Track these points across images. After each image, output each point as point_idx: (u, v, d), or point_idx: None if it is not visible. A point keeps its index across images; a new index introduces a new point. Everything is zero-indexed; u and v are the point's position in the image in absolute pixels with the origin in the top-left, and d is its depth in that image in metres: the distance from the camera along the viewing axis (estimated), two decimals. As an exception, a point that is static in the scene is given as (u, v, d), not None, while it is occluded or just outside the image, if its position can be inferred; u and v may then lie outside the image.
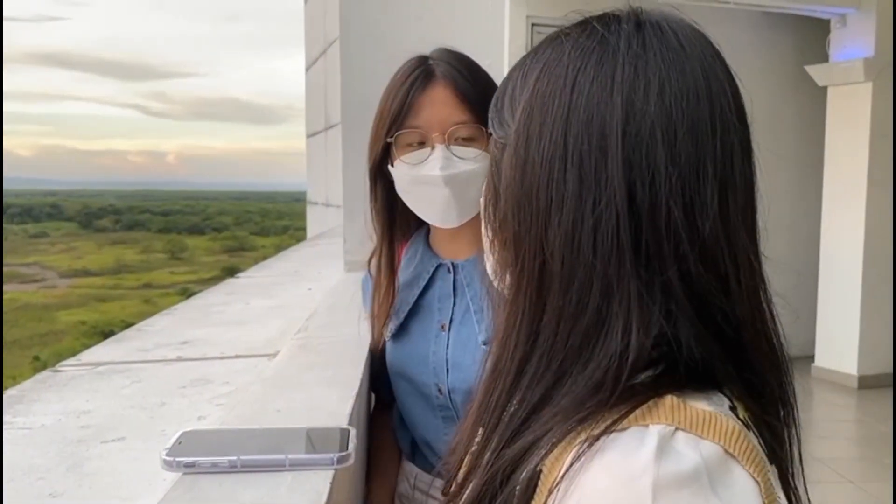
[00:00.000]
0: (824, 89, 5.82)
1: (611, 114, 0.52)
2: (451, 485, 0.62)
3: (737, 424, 0.49)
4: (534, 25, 5.07)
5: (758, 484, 0.47)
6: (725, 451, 0.47)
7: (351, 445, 0.75)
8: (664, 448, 0.46)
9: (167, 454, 0.72)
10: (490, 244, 0.63)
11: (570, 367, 0.53)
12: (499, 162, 0.60)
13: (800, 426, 0.58)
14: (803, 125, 6.24)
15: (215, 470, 0.70)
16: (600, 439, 0.47)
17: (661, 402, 0.49)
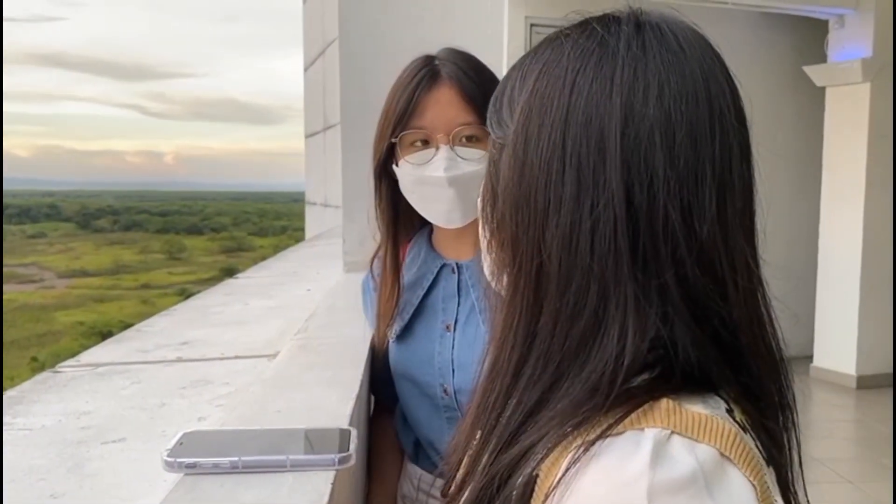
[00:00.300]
0: (822, 90, 5.82)
1: (609, 116, 0.52)
2: (449, 486, 0.62)
3: (733, 427, 0.49)
4: (532, 26, 5.08)
5: (754, 487, 0.47)
6: (721, 453, 0.47)
7: (352, 446, 0.75)
8: (659, 453, 0.46)
9: (168, 455, 0.72)
10: (487, 245, 0.63)
11: (567, 370, 0.53)
12: (497, 162, 0.60)
13: (799, 430, 0.58)
14: (801, 126, 6.24)
15: (216, 471, 0.70)
16: (596, 444, 0.47)
17: (657, 405, 0.49)
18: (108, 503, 0.76)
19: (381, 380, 1.27)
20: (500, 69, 1.22)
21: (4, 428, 0.98)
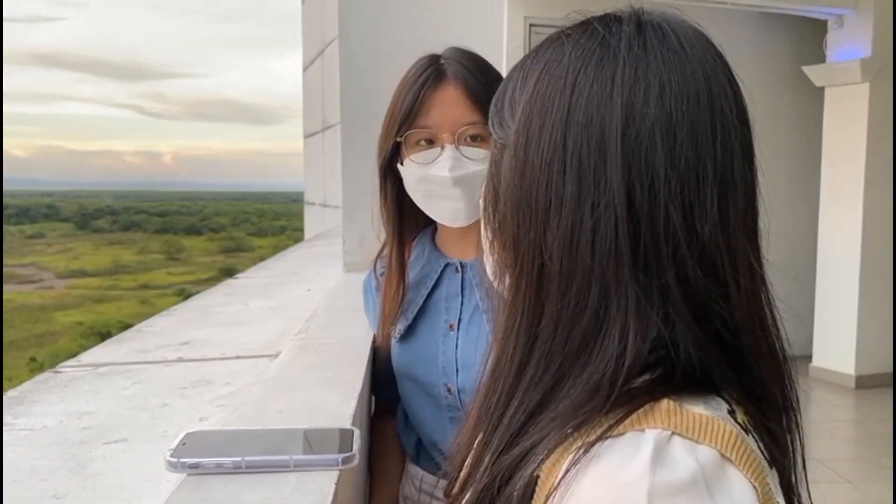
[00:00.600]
0: (821, 90, 5.83)
1: (610, 116, 0.51)
2: (452, 486, 0.62)
3: (734, 428, 0.49)
4: (532, 26, 5.08)
5: (755, 489, 0.47)
6: (722, 455, 0.47)
7: (355, 446, 0.75)
8: (660, 454, 0.46)
9: (171, 455, 0.72)
10: (490, 245, 0.63)
11: (569, 371, 0.53)
12: (498, 163, 0.60)
13: (803, 432, 0.58)
14: (800, 126, 6.25)
15: (220, 471, 0.70)
16: (596, 445, 0.47)
17: (658, 406, 0.49)
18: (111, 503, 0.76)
19: (382, 380, 1.27)
20: (500, 69, 1.22)
21: (6, 428, 0.98)
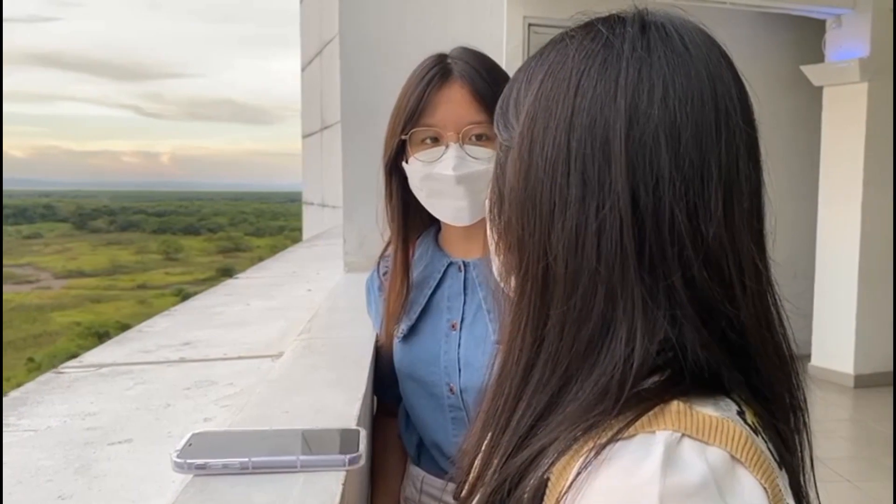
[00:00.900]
0: (820, 89, 5.83)
1: (614, 118, 0.51)
2: (461, 489, 0.62)
3: (744, 430, 0.49)
4: (531, 26, 5.08)
5: (765, 490, 0.47)
6: (732, 456, 0.47)
7: (362, 446, 0.75)
8: (670, 457, 0.45)
9: (178, 456, 0.72)
10: (495, 247, 0.63)
11: (576, 373, 0.52)
12: (503, 165, 0.60)
13: (811, 431, 0.58)
14: (799, 125, 6.25)
15: (227, 472, 0.70)
16: (607, 447, 0.47)
17: (668, 408, 0.49)
18: (118, 504, 0.76)
19: (383, 380, 1.27)
20: (499, 70, 1.22)
21: (10, 429, 0.98)
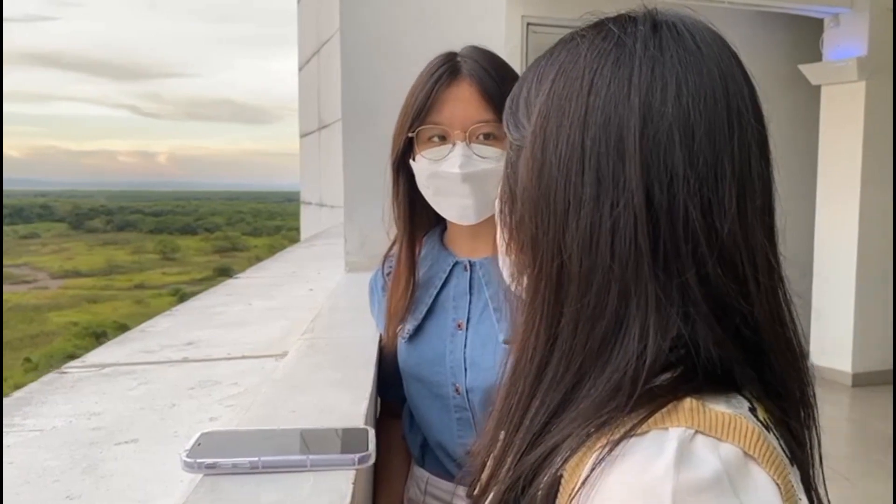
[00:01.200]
0: (818, 88, 5.85)
1: (628, 116, 0.52)
2: (474, 488, 0.62)
3: (756, 426, 0.49)
4: (529, 25, 5.08)
5: (778, 486, 0.47)
6: (745, 453, 0.47)
7: (371, 445, 0.75)
8: (684, 453, 0.46)
9: (187, 455, 0.71)
10: (506, 246, 0.63)
11: (589, 370, 0.53)
12: (514, 164, 0.60)
13: (820, 428, 0.58)
14: (797, 124, 6.26)
15: (236, 471, 0.70)
16: (620, 444, 0.47)
17: (681, 404, 0.49)
18: (126, 504, 0.76)
19: (386, 381, 1.26)
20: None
21: (15, 429, 0.98)
